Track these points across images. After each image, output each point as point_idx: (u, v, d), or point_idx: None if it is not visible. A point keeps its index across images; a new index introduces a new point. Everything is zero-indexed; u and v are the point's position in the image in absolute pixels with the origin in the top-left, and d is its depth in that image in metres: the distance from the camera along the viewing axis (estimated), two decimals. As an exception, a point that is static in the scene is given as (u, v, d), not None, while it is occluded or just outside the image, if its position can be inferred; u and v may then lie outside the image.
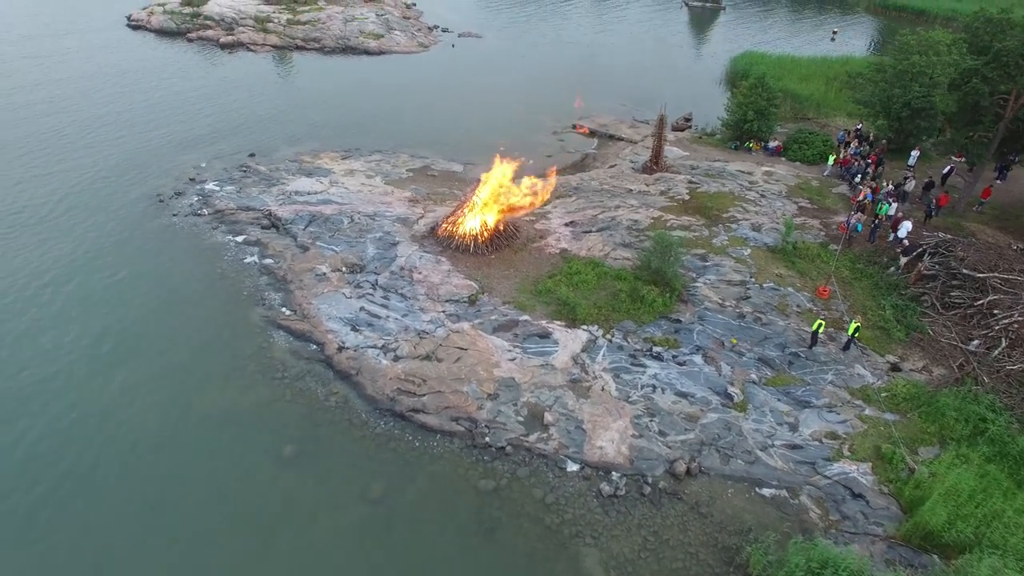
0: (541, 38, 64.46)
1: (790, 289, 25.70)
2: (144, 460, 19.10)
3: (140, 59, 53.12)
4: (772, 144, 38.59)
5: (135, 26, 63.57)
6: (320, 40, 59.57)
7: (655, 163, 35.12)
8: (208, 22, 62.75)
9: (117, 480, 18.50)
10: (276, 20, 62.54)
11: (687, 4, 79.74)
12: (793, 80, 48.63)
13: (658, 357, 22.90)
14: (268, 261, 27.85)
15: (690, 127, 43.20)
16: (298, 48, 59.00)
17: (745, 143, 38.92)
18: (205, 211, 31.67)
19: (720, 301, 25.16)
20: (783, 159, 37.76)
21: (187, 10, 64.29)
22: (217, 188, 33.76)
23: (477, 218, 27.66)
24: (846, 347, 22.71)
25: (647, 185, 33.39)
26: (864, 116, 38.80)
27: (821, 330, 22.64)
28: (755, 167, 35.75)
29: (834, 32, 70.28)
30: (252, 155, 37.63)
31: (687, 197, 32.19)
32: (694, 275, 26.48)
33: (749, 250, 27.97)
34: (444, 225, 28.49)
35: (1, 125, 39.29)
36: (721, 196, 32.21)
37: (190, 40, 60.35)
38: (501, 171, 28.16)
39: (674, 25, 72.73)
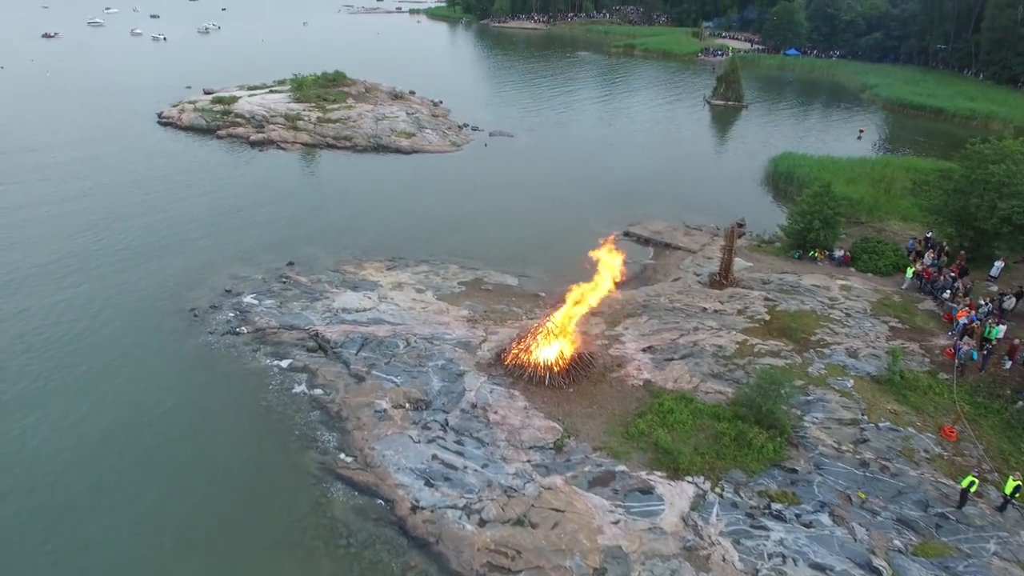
0: (574, 138, 64.21)
1: (911, 430, 22.84)
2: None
3: (172, 161, 51.96)
4: (838, 253, 36.66)
5: (165, 123, 63.45)
6: (352, 138, 59.08)
7: (724, 277, 32.99)
8: (238, 119, 62.62)
9: None
10: (306, 118, 62.40)
11: (709, 103, 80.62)
12: (840, 182, 47.22)
13: (779, 517, 19.77)
14: (318, 392, 25.05)
15: (744, 234, 41.44)
16: (329, 146, 58.40)
17: (809, 252, 37.01)
18: (244, 329, 29.17)
19: (835, 445, 22.25)
20: (852, 269, 35.71)
21: (218, 107, 64.38)
22: (255, 302, 31.40)
23: (554, 346, 25.11)
24: (1002, 508, 19.65)
25: (721, 303, 31.08)
26: (932, 224, 37.08)
27: (974, 488, 19.61)
28: (829, 280, 33.61)
29: (861, 131, 70.39)
30: (291, 264, 35.54)
31: (767, 317, 29.80)
32: (798, 412, 23.68)
33: (852, 381, 25.29)
34: (512, 352, 25.90)
35: (35, 241, 36.71)
36: (804, 315, 29.85)
37: (220, 138, 59.94)
38: (582, 293, 25.86)
39: (701, 124, 73.02)
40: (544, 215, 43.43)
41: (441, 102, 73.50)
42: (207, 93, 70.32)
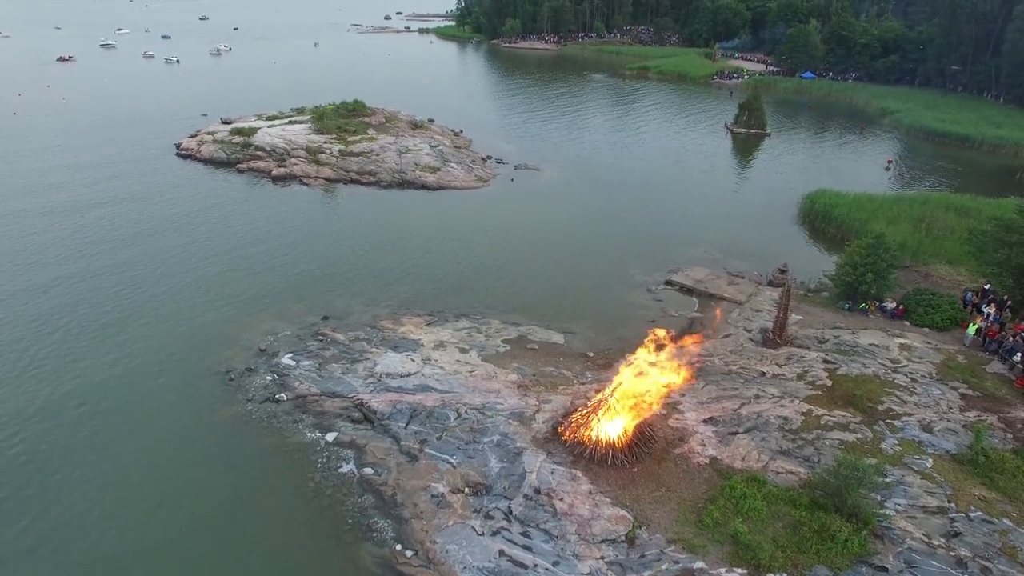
0: (600, 170, 62.94)
1: (1006, 521, 21.45)
2: None
3: (194, 204, 50.66)
4: (890, 305, 35.41)
5: (184, 155, 62.64)
6: (376, 173, 58.09)
7: (778, 335, 31.74)
8: (259, 152, 61.79)
9: None
10: (328, 151, 61.51)
11: (731, 131, 79.63)
12: (880, 222, 46.11)
13: (875, 625, 18.44)
14: (368, 472, 23.78)
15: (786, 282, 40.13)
16: (352, 181, 57.40)
17: (860, 304, 35.74)
18: (284, 396, 27.96)
19: (925, 538, 20.87)
20: (906, 323, 34.44)
21: (237, 139, 63.57)
22: (293, 364, 30.20)
23: (616, 422, 23.84)
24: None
25: (779, 365, 29.81)
26: (990, 275, 35.75)
27: (1088, 600, 18.26)
28: (887, 339, 32.29)
29: (889, 161, 69.30)
30: (326, 318, 34.38)
31: (829, 382, 28.49)
32: (878, 497, 22.29)
33: (931, 460, 23.95)
34: (571, 426, 24.65)
35: (63, 298, 35.83)
36: (867, 381, 28.55)
37: (240, 171, 59.14)
38: (643, 367, 24.60)
39: (727, 154, 71.85)
40: (580, 259, 42.19)
41: (462, 131, 72.59)
42: (225, 123, 69.58)
